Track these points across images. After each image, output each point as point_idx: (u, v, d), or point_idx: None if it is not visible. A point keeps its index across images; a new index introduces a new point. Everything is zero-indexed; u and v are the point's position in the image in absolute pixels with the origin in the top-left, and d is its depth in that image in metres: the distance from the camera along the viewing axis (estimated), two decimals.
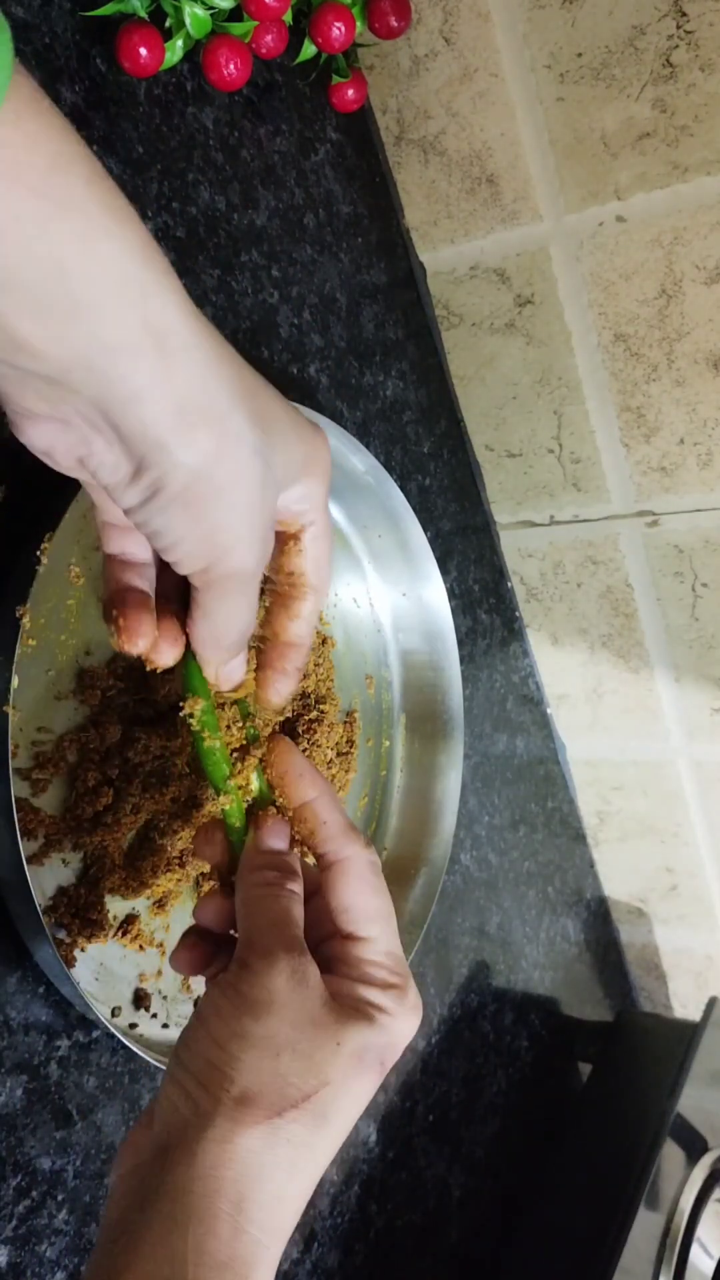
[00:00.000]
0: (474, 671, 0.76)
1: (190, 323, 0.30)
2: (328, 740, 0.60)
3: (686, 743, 0.81)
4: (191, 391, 0.31)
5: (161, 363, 0.29)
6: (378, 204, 0.67)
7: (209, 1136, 0.32)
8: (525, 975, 0.81)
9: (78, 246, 0.27)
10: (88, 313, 0.28)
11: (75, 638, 0.47)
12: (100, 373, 0.29)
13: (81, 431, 0.31)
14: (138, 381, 0.29)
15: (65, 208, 0.26)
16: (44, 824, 0.46)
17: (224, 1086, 0.33)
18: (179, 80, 0.54)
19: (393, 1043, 0.36)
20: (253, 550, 0.35)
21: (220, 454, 0.32)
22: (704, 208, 0.60)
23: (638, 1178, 0.69)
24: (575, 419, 0.72)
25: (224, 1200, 0.31)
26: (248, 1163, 0.32)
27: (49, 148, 0.26)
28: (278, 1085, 0.33)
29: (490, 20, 0.60)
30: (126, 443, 0.31)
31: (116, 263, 0.28)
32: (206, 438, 0.31)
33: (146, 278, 0.29)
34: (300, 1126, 0.33)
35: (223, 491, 0.33)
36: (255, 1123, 0.32)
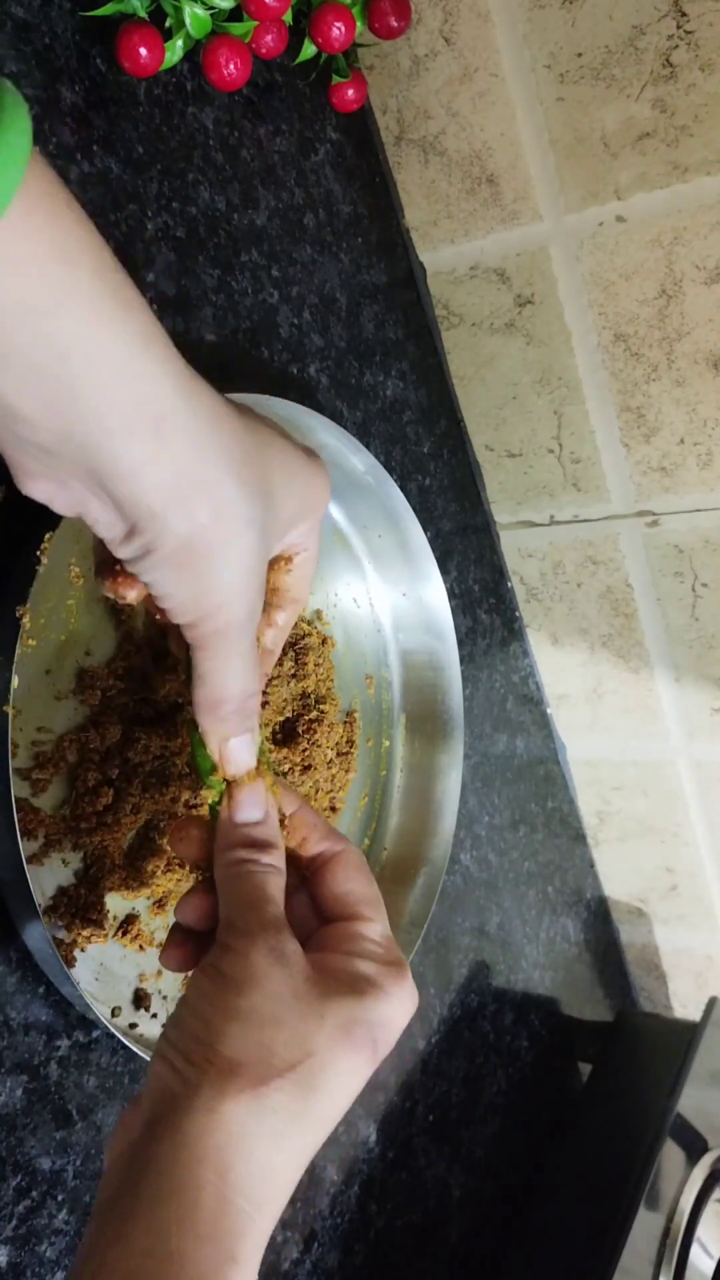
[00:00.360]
0: (474, 671, 0.76)
1: (188, 400, 0.31)
2: (328, 740, 0.60)
3: (686, 743, 0.81)
4: (185, 467, 0.32)
5: (156, 442, 0.31)
6: (378, 204, 0.67)
7: (194, 1106, 0.32)
8: (525, 975, 0.81)
9: (78, 333, 0.28)
10: (84, 395, 0.29)
11: (75, 638, 0.47)
12: (95, 449, 0.30)
13: (78, 493, 0.32)
14: (132, 459, 0.30)
15: (70, 296, 0.28)
16: (44, 824, 0.46)
17: (209, 1058, 0.33)
18: (179, 80, 0.54)
19: (386, 1022, 0.36)
20: (243, 608, 0.36)
21: (214, 522, 0.33)
22: (704, 208, 0.60)
23: (638, 1178, 0.69)
24: (575, 419, 0.72)
25: (208, 1169, 0.31)
26: (233, 1132, 0.32)
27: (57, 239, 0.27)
28: (262, 1055, 0.33)
29: (490, 20, 0.60)
30: (120, 509, 0.32)
31: (115, 350, 0.29)
32: (200, 508, 0.32)
33: (145, 363, 0.30)
34: (286, 1096, 0.33)
35: (214, 557, 0.34)
36: (240, 1091, 0.32)
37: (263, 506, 0.35)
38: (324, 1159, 0.60)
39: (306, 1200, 0.58)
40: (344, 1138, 0.61)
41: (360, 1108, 0.63)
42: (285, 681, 0.58)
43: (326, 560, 0.62)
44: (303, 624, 0.60)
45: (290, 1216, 0.57)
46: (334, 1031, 0.34)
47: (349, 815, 0.63)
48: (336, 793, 0.61)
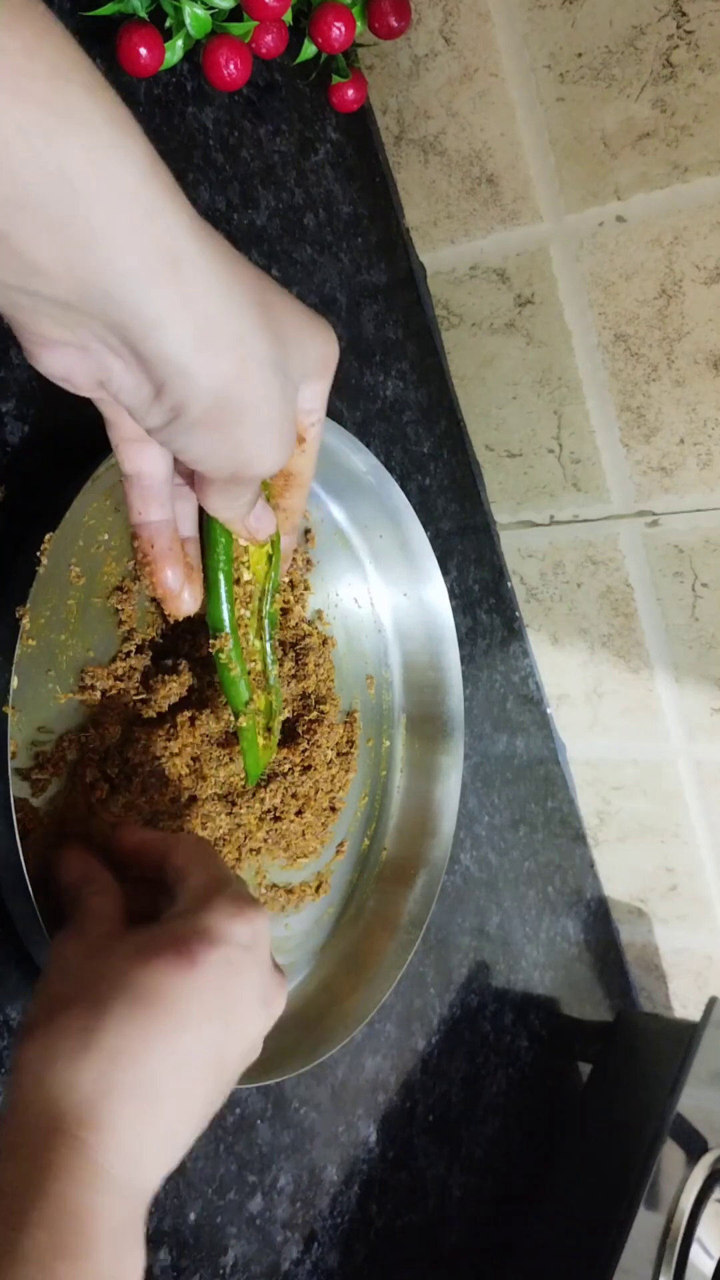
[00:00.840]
0: (474, 671, 0.76)
1: (202, 242, 0.30)
2: (328, 740, 0.60)
3: (686, 743, 0.81)
4: (209, 315, 0.30)
5: (178, 288, 0.29)
6: (378, 204, 0.67)
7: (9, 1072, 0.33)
8: (525, 975, 0.81)
9: (86, 161, 0.26)
10: (101, 238, 0.27)
11: (75, 638, 0.47)
12: (117, 299, 0.28)
13: (99, 356, 0.31)
14: (155, 308, 0.29)
15: (70, 119, 0.25)
16: (44, 824, 0.46)
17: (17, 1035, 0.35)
18: (179, 80, 0.54)
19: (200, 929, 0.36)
20: (277, 458, 0.36)
21: (241, 375, 0.32)
22: (704, 208, 0.60)
23: (638, 1178, 0.69)
24: (575, 419, 0.72)
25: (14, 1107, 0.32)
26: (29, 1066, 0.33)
27: (49, 54, 0.25)
28: (51, 999, 0.34)
29: (490, 20, 0.60)
30: (146, 367, 0.30)
31: (125, 181, 0.27)
32: (227, 360, 0.31)
33: (156, 197, 0.28)
34: (72, 1020, 0.33)
35: (245, 411, 0.33)
36: (32, 1033, 0.33)
37: (282, 350, 0.34)
38: (324, 1159, 0.60)
39: (306, 1200, 0.58)
40: (344, 1138, 0.61)
41: (360, 1108, 0.63)
42: (285, 681, 0.58)
43: (327, 560, 0.62)
44: (303, 624, 0.60)
45: (290, 1216, 0.57)
46: (126, 958, 0.35)
47: (349, 815, 0.63)
48: (336, 793, 0.61)
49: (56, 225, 0.26)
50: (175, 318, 0.29)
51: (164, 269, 0.29)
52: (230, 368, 0.31)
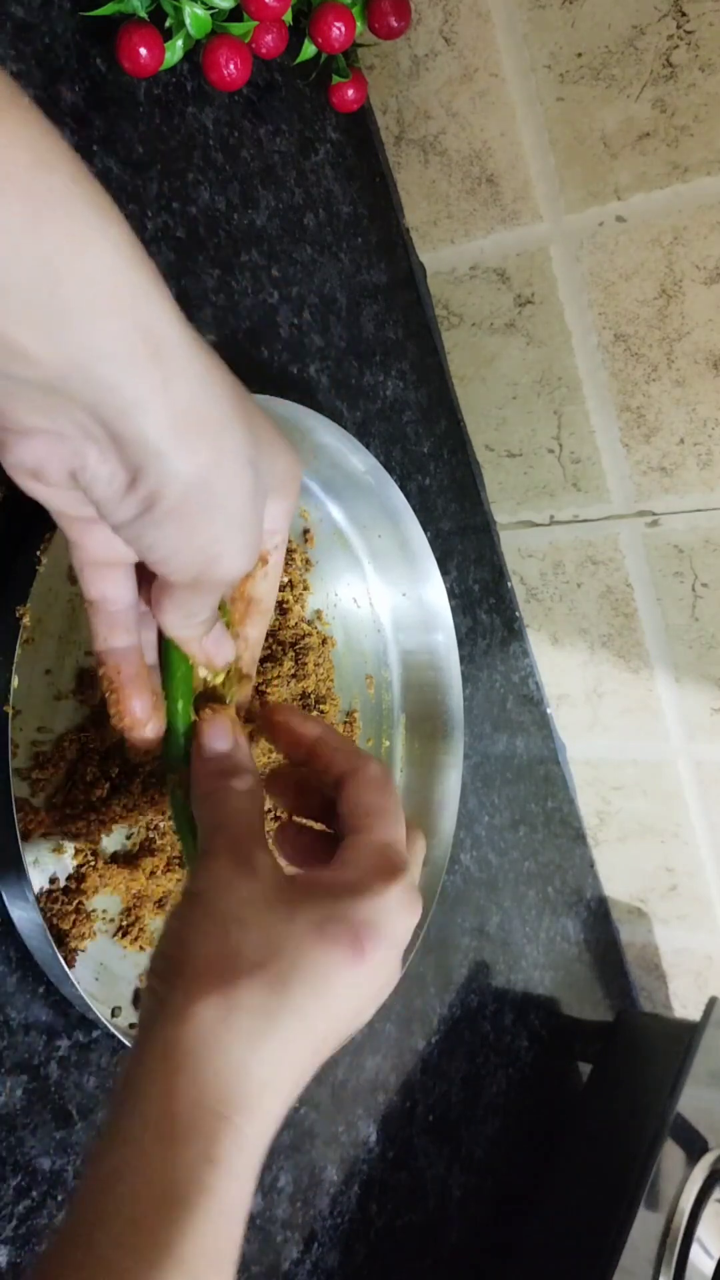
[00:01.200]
0: (474, 671, 0.76)
1: (183, 331, 0.30)
2: None
3: (686, 743, 0.81)
4: (189, 401, 0.30)
5: (158, 371, 0.29)
6: (378, 204, 0.67)
7: (166, 1016, 0.31)
8: (525, 975, 0.81)
9: (68, 249, 0.26)
10: (82, 320, 0.27)
11: (75, 638, 0.47)
12: (97, 381, 0.28)
13: (75, 443, 0.30)
14: (136, 390, 0.29)
15: (52, 208, 0.26)
16: (44, 824, 0.46)
17: (179, 970, 0.32)
18: (179, 80, 0.54)
19: (371, 922, 0.34)
20: (243, 560, 0.35)
21: (217, 465, 0.32)
22: (704, 208, 0.60)
23: (638, 1178, 0.69)
24: (575, 419, 0.72)
25: (179, 1074, 0.30)
26: (202, 1034, 0.31)
27: (32, 145, 0.25)
28: (227, 956, 0.32)
29: (490, 20, 0.60)
30: (123, 451, 0.30)
31: (108, 266, 0.27)
32: (205, 448, 0.31)
33: (139, 282, 0.28)
34: (254, 994, 0.32)
35: (218, 503, 0.32)
36: (207, 993, 0.31)
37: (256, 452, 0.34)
38: (324, 1159, 0.60)
39: (306, 1200, 0.58)
40: (344, 1138, 0.61)
41: (360, 1108, 0.63)
42: (285, 681, 0.58)
43: (326, 560, 0.62)
44: (302, 624, 0.60)
45: (290, 1216, 0.57)
46: (305, 929, 0.33)
47: None
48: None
49: (40, 310, 0.26)
50: (155, 400, 0.29)
51: (145, 351, 0.29)
52: (207, 456, 0.31)
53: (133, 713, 0.39)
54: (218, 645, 0.40)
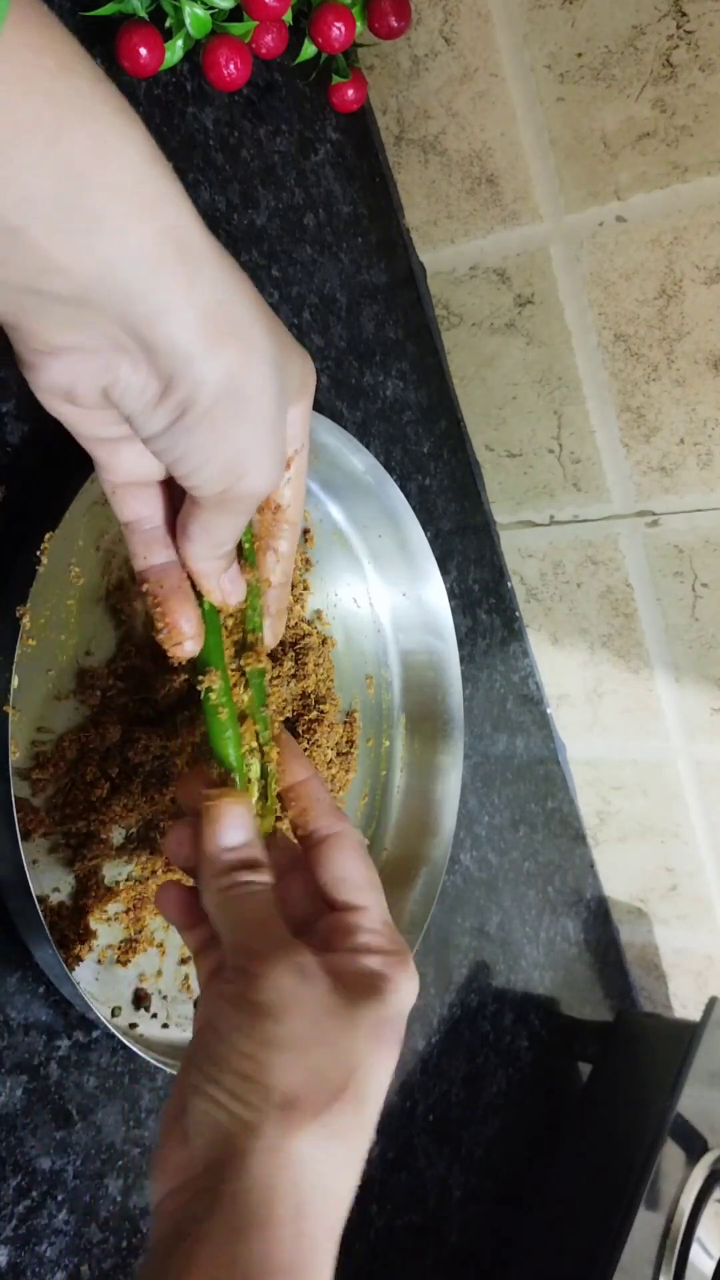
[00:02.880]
0: (474, 671, 0.76)
1: (203, 231, 0.30)
2: (328, 740, 0.60)
3: (686, 743, 0.81)
4: (216, 302, 0.30)
5: (185, 273, 0.29)
6: (378, 204, 0.67)
7: (260, 1147, 0.31)
8: (525, 975, 0.81)
9: (93, 151, 0.26)
10: (110, 223, 0.27)
11: (75, 638, 0.47)
12: (126, 286, 0.28)
13: (106, 357, 0.30)
14: (164, 294, 0.29)
15: (76, 111, 0.26)
16: (44, 824, 0.46)
17: (265, 1096, 0.32)
18: (179, 80, 0.54)
19: (403, 1012, 0.36)
20: (272, 472, 0.35)
21: (245, 367, 0.32)
22: (704, 208, 0.60)
23: (638, 1178, 0.69)
24: (575, 419, 0.72)
25: (282, 1206, 0.31)
26: (304, 1167, 0.31)
27: (55, 50, 0.26)
28: (316, 1082, 0.32)
29: (490, 20, 0.60)
30: (154, 359, 0.30)
31: (132, 168, 0.27)
32: (233, 350, 0.31)
33: (162, 184, 0.28)
34: (346, 1118, 0.32)
35: (247, 407, 0.32)
36: (304, 1125, 0.32)
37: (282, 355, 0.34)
38: None
39: None
40: None
41: None
42: (285, 681, 0.58)
43: (326, 560, 0.62)
44: (302, 624, 0.60)
45: None
46: (369, 1037, 0.34)
47: (349, 815, 0.63)
48: (336, 793, 0.61)
49: (67, 216, 0.26)
50: (183, 303, 0.29)
51: (171, 254, 0.29)
52: (236, 356, 0.31)
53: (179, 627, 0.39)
54: (233, 584, 0.40)
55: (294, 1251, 0.31)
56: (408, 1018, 0.37)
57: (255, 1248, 0.30)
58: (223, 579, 0.40)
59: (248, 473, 0.34)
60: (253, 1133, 0.31)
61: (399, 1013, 0.36)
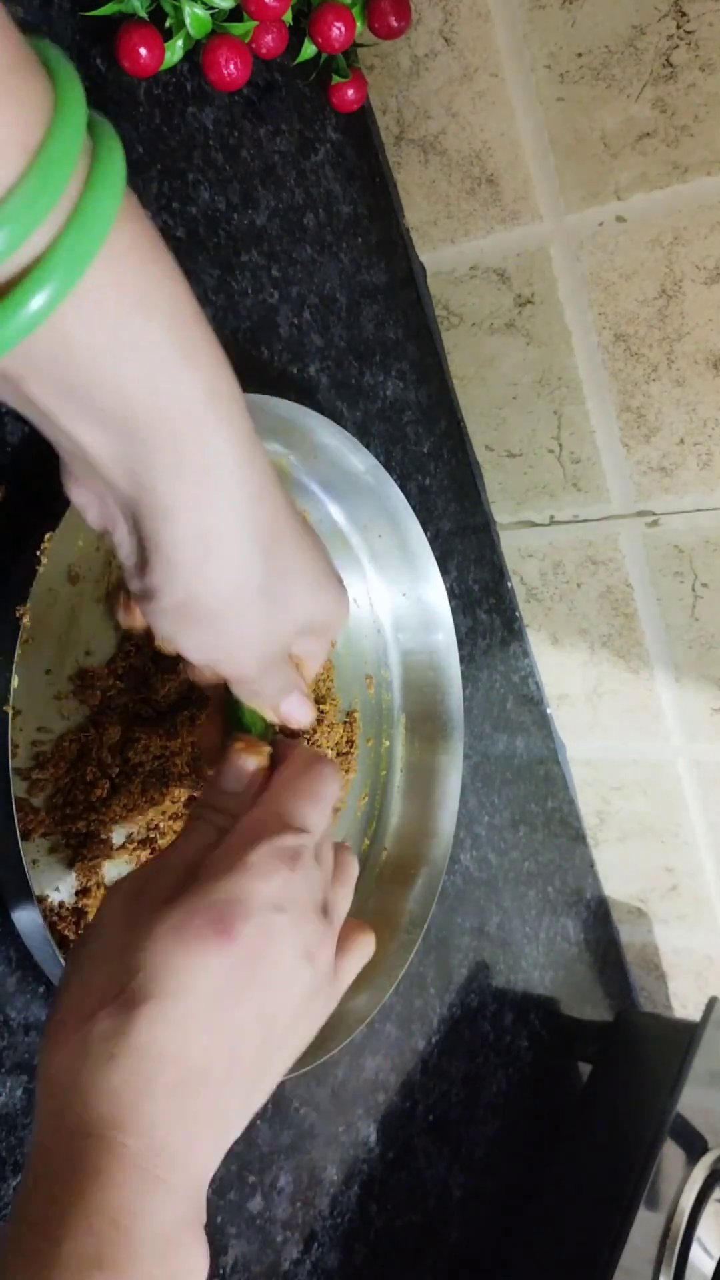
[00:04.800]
0: (474, 671, 0.76)
1: (241, 461, 0.32)
2: (328, 740, 0.60)
3: (686, 743, 0.81)
4: (215, 525, 0.32)
5: (199, 491, 0.31)
6: (378, 204, 0.67)
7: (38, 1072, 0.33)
8: (525, 975, 0.81)
9: (146, 386, 0.28)
10: (147, 441, 0.29)
11: (75, 638, 0.47)
12: (141, 485, 0.31)
13: (111, 511, 0.33)
14: (172, 502, 0.31)
15: (137, 350, 0.28)
16: (43, 824, 0.46)
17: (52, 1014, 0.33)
18: (179, 80, 0.54)
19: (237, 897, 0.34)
20: (252, 664, 0.37)
21: (223, 588, 0.33)
22: (704, 208, 0.60)
23: (638, 1178, 0.69)
24: (575, 419, 0.72)
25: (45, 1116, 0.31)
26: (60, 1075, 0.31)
27: (138, 290, 0.27)
28: (81, 1000, 0.33)
29: (490, 20, 0.60)
30: (143, 542, 0.32)
31: (179, 404, 0.29)
32: (214, 572, 0.33)
33: (208, 416, 0.30)
34: (105, 1022, 0.32)
35: (215, 621, 0.34)
36: (67, 1039, 0.32)
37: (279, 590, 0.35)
38: (324, 1159, 0.60)
39: (306, 1200, 0.58)
40: (344, 1138, 0.61)
41: (360, 1108, 0.63)
42: None
43: None
44: None
45: (290, 1216, 0.57)
46: (163, 936, 0.33)
47: (349, 815, 0.63)
48: None
49: (110, 428, 0.29)
50: (184, 516, 0.31)
51: (197, 469, 0.31)
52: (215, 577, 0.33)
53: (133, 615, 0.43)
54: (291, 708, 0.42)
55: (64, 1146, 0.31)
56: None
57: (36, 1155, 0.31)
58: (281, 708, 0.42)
59: (227, 659, 0.36)
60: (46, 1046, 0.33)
61: (226, 898, 0.33)
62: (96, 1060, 0.31)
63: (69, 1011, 0.33)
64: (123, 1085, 0.31)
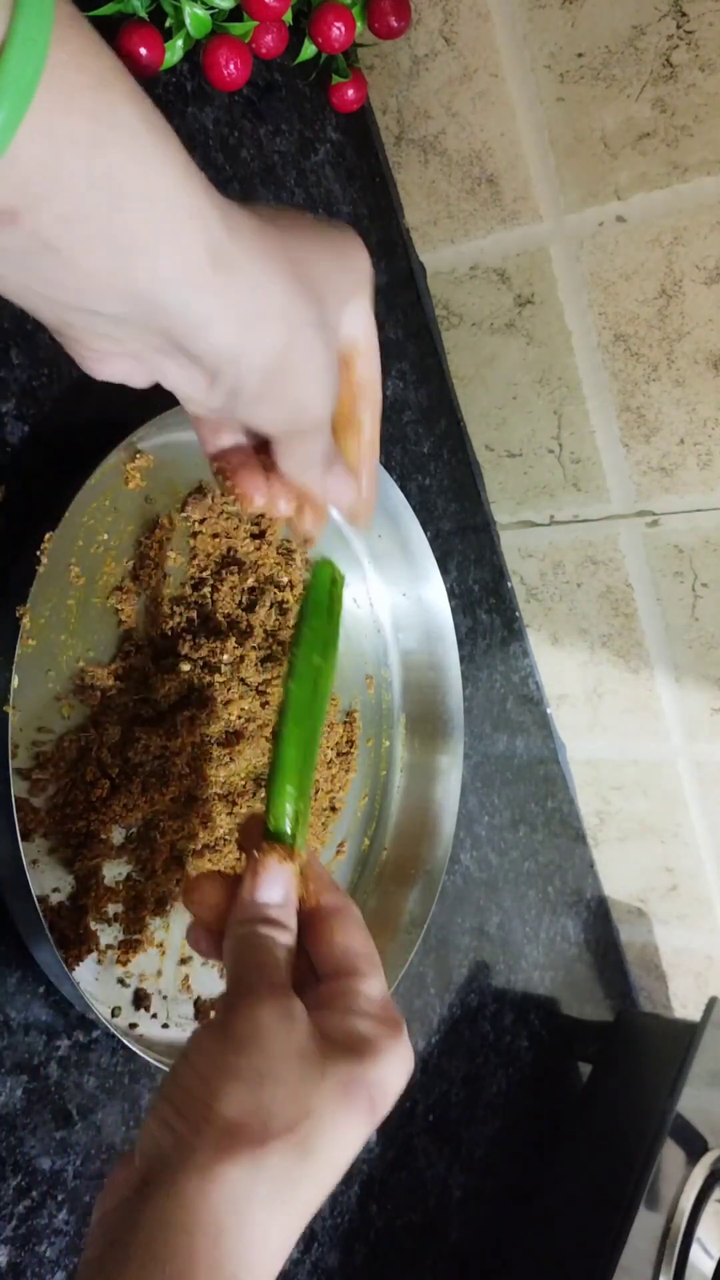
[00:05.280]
0: (474, 671, 0.76)
1: (231, 232, 0.30)
2: (327, 740, 0.60)
3: (686, 743, 0.81)
4: (251, 295, 0.31)
5: (220, 282, 0.30)
6: (378, 204, 0.67)
7: (190, 1166, 0.31)
8: (525, 975, 0.81)
9: (132, 169, 0.27)
10: (146, 244, 0.28)
11: (75, 638, 0.47)
12: (164, 306, 0.29)
13: (153, 361, 0.32)
14: (202, 309, 0.30)
15: (115, 128, 0.26)
16: (44, 824, 0.46)
17: (206, 1118, 0.32)
18: (179, 80, 0.54)
19: (384, 1083, 0.35)
20: (326, 403, 0.37)
21: (288, 345, 0.33)
22: (704, 208, 0.60)
23: (638, 1178, 0.69)
24: (575, 419, 0.72)
25: (202, 1234, 0.30)
26: (228, 1195, 0.31)
27: (94, 65, 0.26)
28: (260, 1116, 0.32)
29: (490, 20, 0.60)
30: (198, 362, 0.32)
31: (167, 186, 0.28)
32: (273, 334, 0.32)
33: (194, 197, 0.29)
34: (283, 1158, 0.32)
35: (295, 372, 0.34)
36: (237, 1154, 0.31)
37: (319, 306, 0.35)
38: None
39: None
40: None
41: None
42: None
43: None
44: None
45: None
46: (333, 1090, 0.33)
47: (349, 815, 0.63)
48: (336, 793, 0.61)
49: (105, 233, 0.27)
50: (221, 314, 0.30)
51: (206, 266, 0.29)
52: (277, 340, 0.33)
53: (244, 485, 0.40)
54: (339, 485, 0.42)
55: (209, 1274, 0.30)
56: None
57: (175, 1269, 0.30)
58: (326, 482, 0.41)
59: (306, 409, 0.36)
60: (187, 1152, 0.31)
61: (379, 1080, 0.34)
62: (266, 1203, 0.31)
63: (244, 1122, 0.32)
64: (277, 1237, 0.32)
